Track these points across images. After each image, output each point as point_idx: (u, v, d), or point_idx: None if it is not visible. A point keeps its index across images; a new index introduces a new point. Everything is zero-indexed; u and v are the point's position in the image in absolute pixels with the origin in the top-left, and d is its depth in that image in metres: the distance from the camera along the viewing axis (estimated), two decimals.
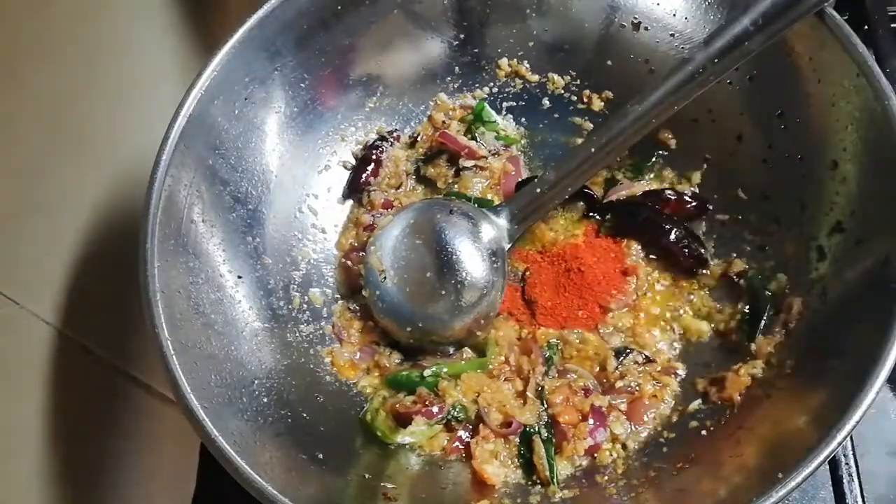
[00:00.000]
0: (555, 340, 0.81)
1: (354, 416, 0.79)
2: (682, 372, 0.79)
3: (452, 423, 0.77)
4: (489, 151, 0.91)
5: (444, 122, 0.92)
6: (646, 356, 0.79)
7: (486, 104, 0.93)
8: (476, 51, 0.92)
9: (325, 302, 0.86)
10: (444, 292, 0.78)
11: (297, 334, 0.82)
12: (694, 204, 0.84)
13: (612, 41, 0.88)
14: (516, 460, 0.76)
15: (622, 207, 0.86)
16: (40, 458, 0.80)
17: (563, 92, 0.92)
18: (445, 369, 0.79)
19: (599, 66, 0.90)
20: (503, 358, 0.82)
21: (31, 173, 0.81)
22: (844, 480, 0.76)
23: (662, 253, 0.84)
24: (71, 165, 0.86)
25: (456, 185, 0.90)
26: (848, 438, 0.61)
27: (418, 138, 0.92)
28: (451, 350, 0.82)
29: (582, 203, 0.87)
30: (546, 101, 0.93)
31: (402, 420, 0.75)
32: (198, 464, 0.80)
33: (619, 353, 0.80)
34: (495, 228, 0.81)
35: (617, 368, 0.79)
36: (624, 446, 0.75)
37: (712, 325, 0.80)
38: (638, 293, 0.83)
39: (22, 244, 0.80)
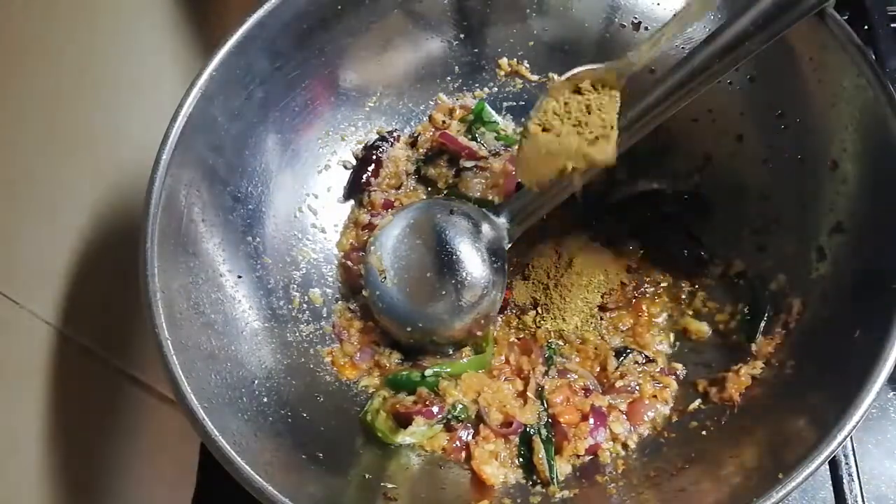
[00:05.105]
0: (555, 340, 0.81)
1: (354, 416, 0.79)
2: (681, 372, 0.79)
3: (452, 423, 0.77)
4: (489, 151, 0.91)
5: (444, 122, 0.92)
6: (646, 356, 0.80)
7: (486, 104, 0.93)
8: (476, 51, 0.92)
9: (325, 302, 0.86)
10: (444, 292, 0.78)
11: (297, 334, 0.82)
12: (694, 204, 0.84)
13: (612, 41, 0.88)
14: (516, 460, 0.76)
15: (622, 207, 0.86)
16: (40, 458, 0.80)
17: None
18: (446, 369, 0.79)
19: None
20: (503, 358, 0.82)
21: (31, 173, 0.81)
22: (844, 480, 0.75)
23: (662, 253, 0.84)
24: (71, 165, 0.86)
25: (457, 186, 0.90)
26: (848, 438, 0.61)
27: (418, 138, 0.92)
28: (451, 350, 0.82)
29: (581, 203, 0.86)
30: None
31: (403, 420, 0.75)
32: (198, 464, 0.80)
33: (619, 353, 0.80)
34: (495, 228, 0.81)
35: (617, 368, 0.79)
36: (624, 446, 0.76)
37: (712, 326, 0.80)
38: (638, 293, 0.83)
39: (22, 244, 0.80)
